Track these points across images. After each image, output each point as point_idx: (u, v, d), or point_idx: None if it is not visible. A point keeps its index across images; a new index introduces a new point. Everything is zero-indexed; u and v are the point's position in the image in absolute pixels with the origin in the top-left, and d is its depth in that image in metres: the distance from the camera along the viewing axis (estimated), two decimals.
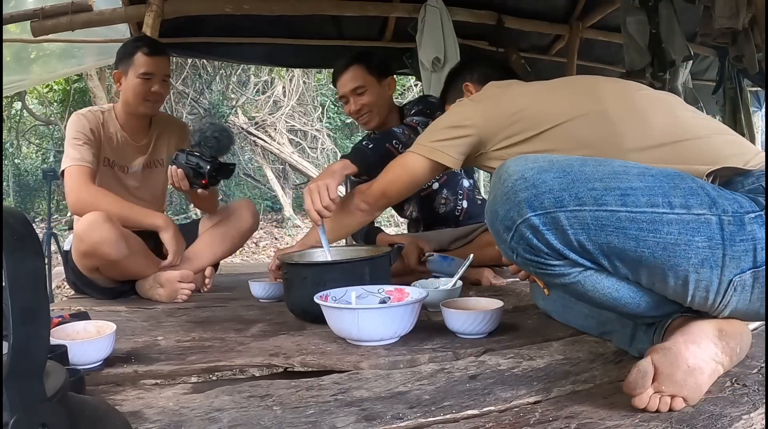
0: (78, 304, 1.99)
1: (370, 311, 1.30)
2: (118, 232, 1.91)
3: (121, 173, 2.24)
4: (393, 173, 1.62)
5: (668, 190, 0.90)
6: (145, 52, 2.11)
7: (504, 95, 1.46)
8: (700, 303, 0.94)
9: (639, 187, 0.90)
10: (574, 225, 0.91)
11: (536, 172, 0.93)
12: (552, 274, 0.98)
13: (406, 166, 1.58)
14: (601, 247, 0.91)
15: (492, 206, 0.98)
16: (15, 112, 8.53)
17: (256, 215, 2.36)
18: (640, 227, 0.89)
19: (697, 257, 0.89)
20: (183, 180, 1.98)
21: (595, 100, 1.28)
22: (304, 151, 9.99)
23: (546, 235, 0.92)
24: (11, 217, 0.58)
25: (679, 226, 0.88)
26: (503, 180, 0.96)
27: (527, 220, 0.92)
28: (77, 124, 2.12)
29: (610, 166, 0.94)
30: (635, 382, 0.86)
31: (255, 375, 1.19)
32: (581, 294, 1.00)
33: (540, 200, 0.91)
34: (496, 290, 1.99)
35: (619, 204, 0.89)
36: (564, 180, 0.91)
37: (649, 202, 0.89)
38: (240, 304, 1.94)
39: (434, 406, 0.94)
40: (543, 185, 0.92)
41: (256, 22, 3.52)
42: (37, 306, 0.58)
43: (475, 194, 2.50)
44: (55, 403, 0.60)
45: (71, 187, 2.04)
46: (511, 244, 0.96)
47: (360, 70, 2.21)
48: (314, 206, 1.68)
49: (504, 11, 3.73)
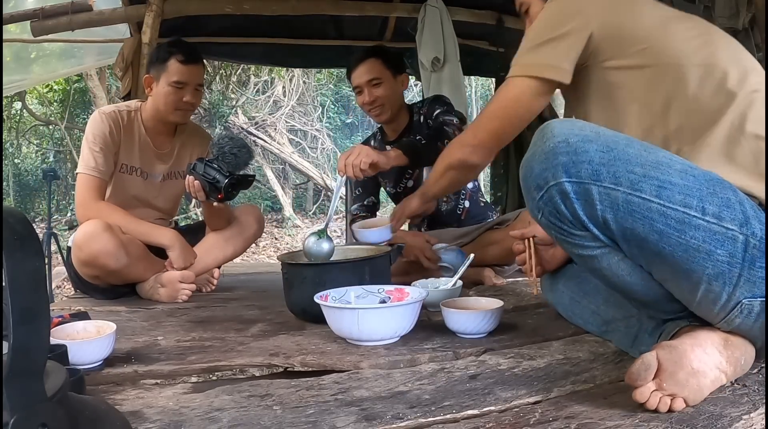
0: (78, 304, 1.99)
1: (370, 311, 1.30)
2: (117, 242, 1.91)
3: (140, 179, 2.20)
4: (499, 109, 1.35)
5: (705, 195, 0.88)
6: (180, 59, 2.05)
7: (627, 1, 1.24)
8: (704, 311, 0.94)
9: (677, 183, 0.89)
10: (605, 201, 0.90)
11: (580, 140, 0.92)
12: (572, 244, 0.98)
13: (509, 95, 1.32)
14: (624, 230, 0.91)
15: (528, 162, 0.97)
16: (15, 112, 8.53)
17: (262, 221, 2.35)
18: (667, 223, 0.88)
19: (714, 269, 0.88)
20: (200, 192, 1.94)
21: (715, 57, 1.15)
22: (304, 151, 10.00)
23: (575, 203, 0.92)
24: (11, 217, 0.58)
25: (705, 234, 0.87)
26: (546, 139, 0.95)
27: (560, 184, 0.92)
28: (97, 127, 2.08)
29: (655, 155, 0.92)
30: (637, 374, 0.86)
31: (255, 375, 1.19)
32: (596, 269, 1.01)
33: (577, 168, 0.91)
34: (496, 290, 1.99)
35: (654, 194, 0.88)
36: (606, 155, 0.90)
37: (683, 202, 0.88)
38: (240, 304, 1.94)
39: (434, 405, 0.94)
40: (584, 154, 0.91)
41: (256, 22, 3.52)
42: (37, 306, 0.57)
43: (478, 196, 2.50)
44: (55, 403, 0.60)
45: (80, 200, 2.05)
46: (539, 203, 0.96)
47: (377, 63, 2.24)
48: (348, 160, 1.73)
49: (504, 11, 3.73)
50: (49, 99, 8.46)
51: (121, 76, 3.07)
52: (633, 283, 0.99)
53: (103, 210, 2.03)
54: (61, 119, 8.05)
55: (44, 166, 8.09)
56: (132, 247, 1.98)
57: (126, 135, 2.13)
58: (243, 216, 2.29)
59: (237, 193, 2.02)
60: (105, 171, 2.07)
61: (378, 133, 2.49)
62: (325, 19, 3.69)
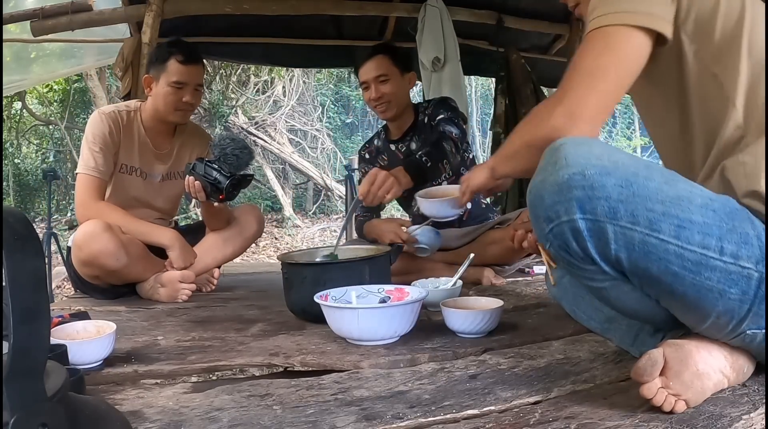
0: (78, 304, 1.99)
1: (370, 311, 1.30)
2: (117, 242, 1.91)
3: (139, 179, 2.20)
4: (601, 67, 1.00)
5: (724, 233, 0.84)
6: (179, 59, 2.05)
7: None
8: (709, 333, 0.94)
9: (697, 221, 0.84)
10: (619, 241, 0.85)
11: (598, 173, 0.85)
12: (580, 275, 0.95)
13: (612, 45, 0.99)
14: (637, 269, 0.87)
15: (538, 190, 0.91)
16: (15, 112, 8.52)
17: (262, 222, 2.35)
18: (683, 265, 0.84)
19: (725, 306, 0.86)
20: (200, 192, 1.94)
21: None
22: (304, 151, 10.00)
23: (587, 241, 0.87)
24: (11, 217, 0.58)
25: (720, 275, 0.84)
26: (558, 167, 0.88)
27: (573, 221, 0.86)
28: (97, 127, 2.08)
29: (675, 189, 0.86)
30: (644, 369, 0.86)
31: (255, 374, 1.19)
32: (603, 298, 0.98)
33: (593, 205, 0.85)
34: (496, 290, 1.99)
35: (673, 235, 0.84)
36: (625, 191, 0.84)
37: (701, 243, 0.84)
38: (240, 304, 1.94)
39: (434, 405, 0.94)
40: (601, 190, 0.84)
41: (256, 22, 3.51)
42: (38, 306, 0.58)
43: (479, 197, 2.50)
44: (55, 403, 0.60)
45: (79, 200, 2.06)
46: (548, 235, 0.91)
47: (385, 60, 2.25)
48: (372, 190, 1.74)
49: (504, 11, 3.73)
50: (49, 99, 8.46)
51: (121, 76, 3.07)
52: (641, 309, 0.97)
53: (102, 210, 2.03)
54: (61, 119, 8.05)
55: (44, 166, 8.08)
56: (132, 247, 1.98)
57: (125, 135, 2.13)
58: (243, 216, 2.28)
59: (238, 193, 2.02)
60: (105, 171, 2.08)
61: (382, 132, 2.49)
62: (325, 18, 3.69)
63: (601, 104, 1.00)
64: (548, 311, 1.61)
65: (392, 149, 2.40)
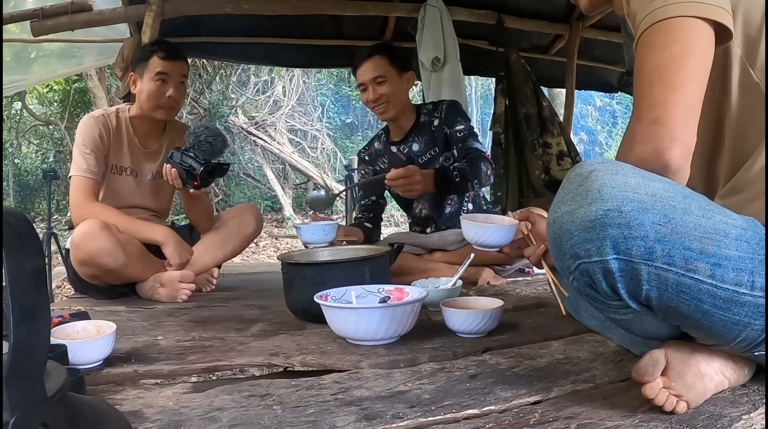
0: (78, 304, 1.99)
1: (370, 311, 1.30)
2: (115, 241, 1.91)
3: (130, 179, 2.23)
4: (682, 65, 0.87)
5: (756, 266, 0.81)
6: (161, 56, 2.11)
7: None
8: (718, 348, 0.93)
9: (732, 256, 0.80)
10: (653, 282, 0.81)
11: (635, 209, 0.79)
12: (602, 309, 0.92)
13: (685, 39, 0.87)
14: (666, 308, 0.83)
15: (565, 223, 0.84)
16: (15, 112, 8.53)
17: (260, 221, 2.36)
18: (714, 303, 0.81)
19: (746, 336, 0.84)
20: (176, 179, 2.00)
21: None
22: (304, 151, 10.00)
23: (617, 281, 0.82)
24: (11, 217, 0.58)
25: (749, 309, 0.81)
26: (591, 199, 0.81)
27: (605, 261, 0.81)
28: (87, 130, 2.12)
29: (712, 221, 0.81)
30: (645, 369, 0.85)
31: (255, 374, 1.19)
32: (622, 325, 0.96)
33: (629, 245, 0.79)
34: (496, 290, 1.99)
35: (708, 275, 0.80)
36: (663, 229, 0.79)
37: (735, 280, 0.80)
38: (240, 304, 1.94)
39: (434, 405, 0.94)
40: (639, 229, 0.79)
41: (256, 22, 3.52)
42: (38, 306, 0.58)
43: (481, 199, 2.50)
44: (55, 403, 0.60)
45: (74, 201, 2.09)
46: (573, 271, 0.86)
47: (383, 61, 2.24)
48: (403, 181, 1.91)
49: (504, 11, 3.73)
50: (49, 99, 8.46)
51: (121, 76, 3.07)
52: (660, 335, 0.95)
53: (97, 210, 2.05)
54: (61, 119, 8.05)
55: (44, 166, 8.08)
56: (130, 247, 1.98)
57: (115, 136, 2.18)
58: (241, 215, 2.30)
59: (213, 180, 2.08)
60: (97, 172, 2.11)
61: (382, 134, 2.48)
62: (325, 18, 3.69)
63: (696, 115, 0.88)
64: (548, 311, 1.61)
65: (393, 151, 2.40)
